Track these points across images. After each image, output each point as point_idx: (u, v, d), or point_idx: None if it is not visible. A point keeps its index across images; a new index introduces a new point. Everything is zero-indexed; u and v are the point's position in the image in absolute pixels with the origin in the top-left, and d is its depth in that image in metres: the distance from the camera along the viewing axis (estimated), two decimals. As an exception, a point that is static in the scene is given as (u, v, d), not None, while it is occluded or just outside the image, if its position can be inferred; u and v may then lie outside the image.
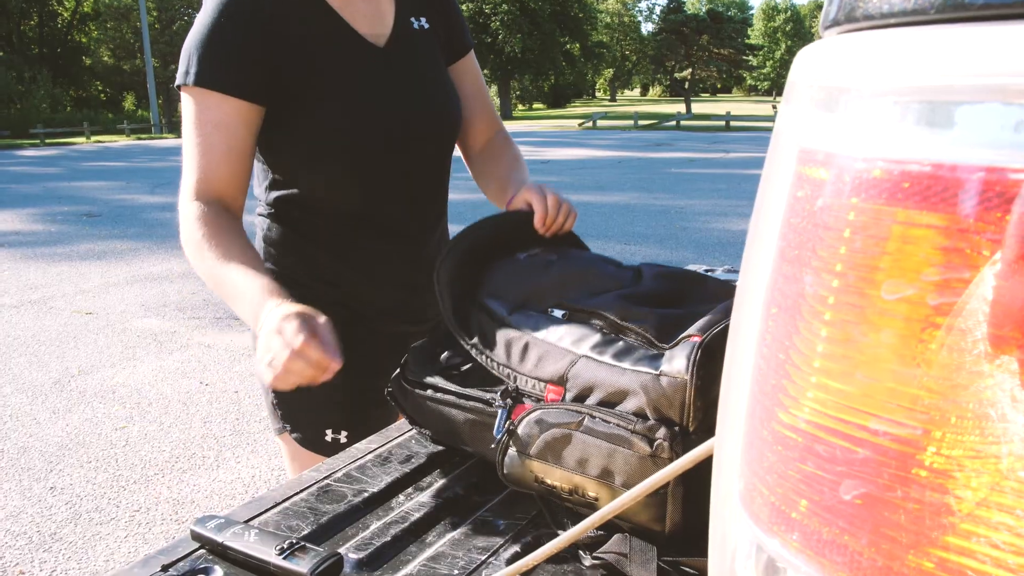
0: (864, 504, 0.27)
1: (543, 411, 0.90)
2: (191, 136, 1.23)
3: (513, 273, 1.07)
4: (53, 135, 30.34)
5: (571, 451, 0.88)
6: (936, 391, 0.26)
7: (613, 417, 0.85)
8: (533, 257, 1.11)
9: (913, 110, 0.28)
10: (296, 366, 0.99)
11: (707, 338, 0.83)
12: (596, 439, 0.86)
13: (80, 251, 8.14)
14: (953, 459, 0.26)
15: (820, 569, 0.28)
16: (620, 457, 0.84)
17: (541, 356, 0.93)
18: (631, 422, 0.84)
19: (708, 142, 22.56)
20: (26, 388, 4.28)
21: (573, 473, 0.88)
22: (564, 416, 0.88)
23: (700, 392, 0.81)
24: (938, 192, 0.27)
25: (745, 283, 0.34)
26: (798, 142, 0.31)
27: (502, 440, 0.93)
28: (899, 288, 0.26)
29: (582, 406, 0.88)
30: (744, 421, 0.33)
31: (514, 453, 0.92)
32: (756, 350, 0.32)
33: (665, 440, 0.82)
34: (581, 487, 0.88)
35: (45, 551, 2.73)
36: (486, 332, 1.01)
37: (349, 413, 1.42)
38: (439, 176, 1.46)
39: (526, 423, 0.91)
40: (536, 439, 0.90)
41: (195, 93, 1.22)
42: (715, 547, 0.36)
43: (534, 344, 0.94)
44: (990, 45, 0.26)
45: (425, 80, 1.39)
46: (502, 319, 1.00)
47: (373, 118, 1.31)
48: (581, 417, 0.87)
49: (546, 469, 0.90)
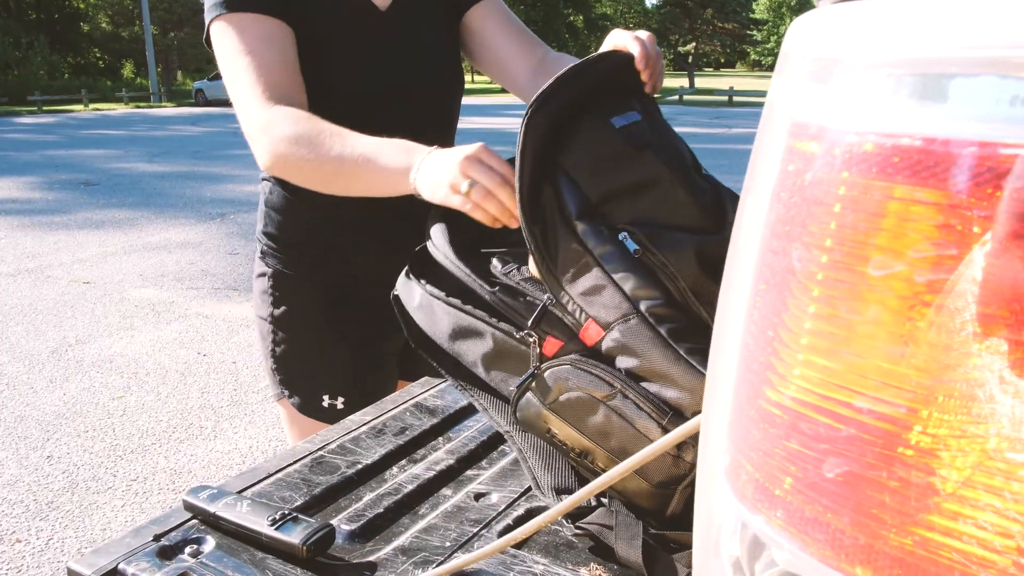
0: (847, 482, 0.26)
1: (574, 367, 0.84)
2: (239, 60, 1.18)
3: (602, 148, 0.90)
4: (51, 102, 30.12)
5: (593, 420, 0.83)
6: (923, 370, 0.26)
7: (647, 404, 0.80)
8: (629, 129, 0.92)
9: (907, 83, 0.27)
10: (504, 195, 0.94)
11: None
12: (623, 420, 0.81)
13: (77, 220, 8.11)
14: (939, 439, 0.25)
15: (802, 547, 0.28)
16: (643, 447, 0.80)
17: (596, 287, 0.83)
18: (664, 414, 0.79)
19: (711, 117, 22.44)
20: (23, 357, 4.29)
21: (588, 440, 0.84)
22: (596, 384, 0.82)
23: None
24: (930, 167, 0.26)
25: (734, 258, 0.33)
26: (790, 115, 0.31)
27: (524, 382, 0.87)
28: (888, 264, 0.26)
29: (616, 377, 0.81)
30: (731, 398, 0.32)
31: (533, 398, 0.86)
32: (744, 326, 0.32)
33: (693, 446, 0.79)
34: (592, 454, 0.85)
35: (42, 519, 2.74)
36: (549, 226, 0.87)
37: (347, 379, 1.42)
38: (441, 139, 1.45)
39: (555, 373, 0.84)
40: (561, 393, 0.84)
41: (232, 20, 1.20)
42: (700, 523, 0.36)
43: (592, 269, 0.84)
44: (986, 17, 0.25)
45: (424, 45, 1.38)
46: (569, 219, 0.86)
47: (372, 78, 1.30)
48: (614, 392, 0.81)
49: (562, 426, 0.85)
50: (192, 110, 28.53)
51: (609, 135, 0.90)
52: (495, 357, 0.91)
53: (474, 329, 0.92)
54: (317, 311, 1.42)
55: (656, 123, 0.98)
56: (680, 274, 0.83)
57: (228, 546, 0.83)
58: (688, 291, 0.83)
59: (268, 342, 1.43)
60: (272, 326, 1.42)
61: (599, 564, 0.81)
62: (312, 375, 1.42)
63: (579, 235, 0.85)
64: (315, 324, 1.42)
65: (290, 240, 1.40)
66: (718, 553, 0.34)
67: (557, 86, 0.89)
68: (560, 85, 0.89)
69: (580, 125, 0.90)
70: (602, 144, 0.90)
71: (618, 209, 0.87)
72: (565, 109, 0.90)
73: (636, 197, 0.88)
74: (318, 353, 1.42)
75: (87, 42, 41.19)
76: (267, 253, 1.42)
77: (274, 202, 1.39)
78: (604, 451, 0.84)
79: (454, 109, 1.46)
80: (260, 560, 0.81)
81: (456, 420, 1.14)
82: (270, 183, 1.40)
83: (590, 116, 0.92)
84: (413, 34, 1.36)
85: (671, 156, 0.93)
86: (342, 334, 1.43)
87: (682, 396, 0.78)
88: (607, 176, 0.88)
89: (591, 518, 0.85)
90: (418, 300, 0.98)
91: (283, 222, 1.40)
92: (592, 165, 0.88)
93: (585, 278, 0.84)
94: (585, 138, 0.90)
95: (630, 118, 0.94)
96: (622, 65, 1.03)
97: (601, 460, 0.85)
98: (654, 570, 0.78)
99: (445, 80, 1.42)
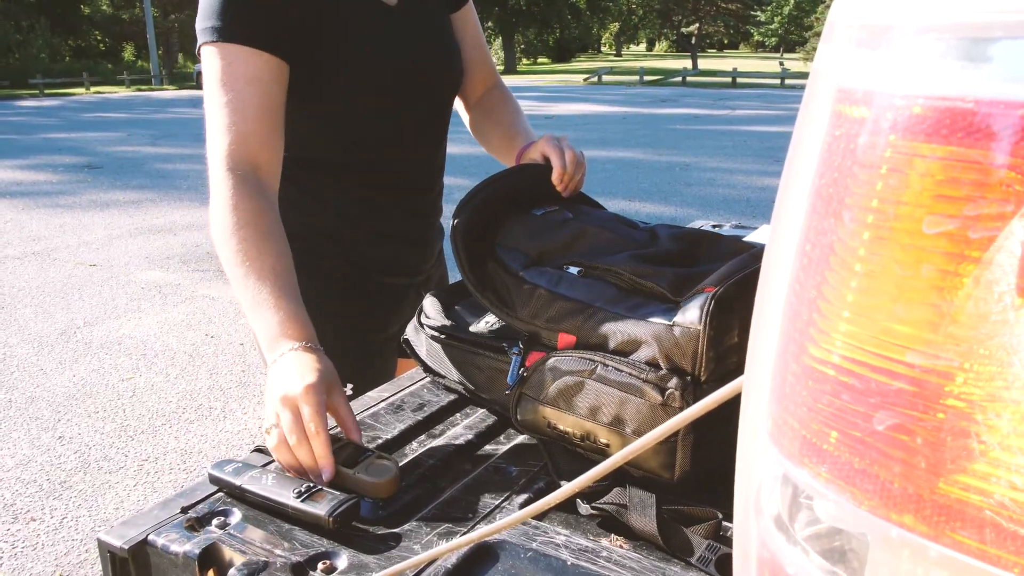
0: (896, 434, 0.27)
1: (556, 358, 0.91)
2: (219, 95, 1.16)
3: (529, 228, 1.06)
4: (52, 85, 30.06)
5: (583, 398, 0.89)
6: (967, 324, 0.27)
7: (625, 366, 0.86)
8: (549, 214, 1.09)
9: (953, 47, 0.28)
10: (301, 453, 0.90)
11: (720, 289, 0.84)
12: (608, 387, 0.87)
13: (82, 202, 8.12)
14: (982, 390, 0.26)
15: (851, 498, 0.29)
16: (632, 406, 0.86)
17: (554, 308, 0.94)
18: (643, 371, 0.85)
19: (714, 99, 22.35)
20: (32, 339, 4.31)
21: (585, 420, 0.90)
22: (577, 364, 0.89)
23: (713, 342, 0.82)
24: (977, 127, 0.27)
25: (779, 223, 0.34)
26: (836, 81, 0.32)
27: (516, 387, 0.95)
28: (940, 223, 0.26)
29: (595, 354, 0.89)
30: (774, 358, 0.33)
31: (528, 399, 0.94)
32: (788, 288, 0.33)
33: (676, 389, 0.83)
34: (593, 433, 0.89)
35: (55, 499, 2.77)
36: (500, 285, 1.01)
37: (352, 365, 1.43)
38: (440, 131, 1.48)
39: (540, 370, 0.92)
40: (549, 386, 0.92)
41: (222, 50, 1.16)
42: (740, 482, 0.37)
43: (547, 296, 0.95)
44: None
45: (432, 36, 1.40)
46: (516, 273, 1.00)
47: (380, 72, 1.31)
48: (594, 365, 0.88)
49: (559, 415, 0.92)
50: (193, 92, 28.45)
51: (532, 218, 1.08)
52: (490, 379, 1.03)
53: (471, 361, 1.05)
54: (317, 299, 1.42)
55: (575, 207, 1.16)
56: (625, 270, 0.93)
57: (254, 518, 0.84)
58: (635, 277, 0.92)
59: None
60: (274, 315, 1.43)
61: (618, 535, 0.82)
62: None
63: (528, 280, 0.98)
64: (318, 313, 1.43)
65: (291, 229, 1.40)
66: (760, 510, 0.35)
67: (476, 192, 1.09)
68: (478, 191, 1.09)
69: (506, 215, 1.09)
70: (528, 224, 1.07)
71: (558, 258, 1.01)
72: (489, 208, 1.09)
73: (571, 247, 1.02)
74: (323, 340, 1.44)
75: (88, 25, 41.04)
76: (266, 242, 1.42)
77: None
78: (603, 426, 0.89)
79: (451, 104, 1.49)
80: (287, 531, 0.82)
81: (473, 396, 1.15)
82: None
83: (514, 210, 1.10)
84: (422, 27, 1.37)
85: (595, 218, 1.10)
86: (345, 322, 1.44)
87: (651, 349, 0.85)
88: (540, 240, 1.03)
89: (607, 498, 0.87)
90: (425, 348, 1.13)
91: (284, 212, 1.40)
92: (524, 236, 1.04)
93: (544, 306, 0.95)
94: (513, 221, 1.07)
95: (548, 208, 1.11)
96: (539, 178, 1.20)
97: (603, 436, 0.89)
98: (670, 541, 0.80)
99: (453, 70, 1.44)
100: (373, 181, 1.40)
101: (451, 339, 1.08)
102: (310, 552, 0.79)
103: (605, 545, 0.80)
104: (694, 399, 0.83)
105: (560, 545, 0.80)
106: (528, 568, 0.76)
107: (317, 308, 1.43)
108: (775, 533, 0.33)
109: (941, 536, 0.26)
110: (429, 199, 1.50)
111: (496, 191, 1.11)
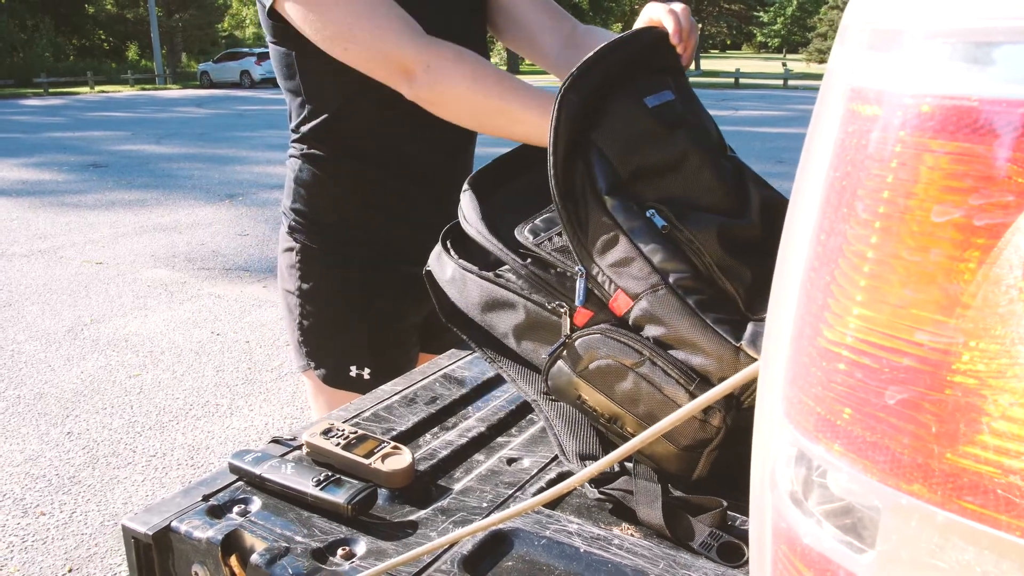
0: (906, 409, 0.30)
1: (605, 336, 0.87)
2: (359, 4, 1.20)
3: (634, 127, 0.92)
4: (57, 84, 30.14)
5: (622, 386, 0.86)
6: (973, 307, 0.29)
7: (674, 371, 0.83)
8: (661, 108, 0.95)
9: (960, 50, 0.30)
10: None
11: None
12: (651, 386, 0.84)
13: (88, 201, 8.15)
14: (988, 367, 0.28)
15: (863, 469, 0.31)
16: (670, 411, 0.82)
17: (625, 259, 0.86)
18: (691, 381, 0.82)
19: (717, 99, 22.36)
20: (40, 336, 4.34)
21: (617, 405, 0.87)
22: (625, 352, 0.85)
23: None
24: (982, 125, 0.29)
25: (794, 214, 0.36)
26: (849, 81, 0.34)
27: (556, 349, 0.89)
28: (947, 212, 0.29)
29: (645, 344, 0.84)
30: (790, 342, 0.35)
31: (564, 366, 0.89)
32: (804, 275, 0.35)
33: (719, 410, 0.82)
34: (621, 419, 0.88)
35: (64, 493, 2.79)
36: (580, 200, 0.90)
37: (372, 350, 1.46)
38: None
39: (586, 342, 0.87)
40: (591, 361, 0.87)
41: None
42: (757, 459, 0.39)
43: (621, 242, 0.87)
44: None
45: (465, 14, 1.41)
46: (599, 194, 0.89)
47: None
48: (642, 359, 0.84)
49: (592, 393, 0.88)
50: (197, 92, 28.51)
51: (642, 114, 0.93)
52: (526, 328, 0.94)
53: (506, 301, 0.95)
54: (344, 285, 1.45)
55: (688, 101, 1.00)
56: (705, 250, 0.86)
57: (274, 506, 0.87)
58: (714, 266, 0.86)
59: (295, 315, 1.47)
60: (299, 299, 1.45)
61: (630, 524, 0.85)
62: (339, 347, 1.46)
63: (609, 210, 0.88)
64: (342, 297, 1.46)
65: (317, 216, 1.43)
66: (775, 484, 0.37)
67: (591, 64, 0.91)
68: (594, 63, 0.91)
69: (613, 103, 0.92)
70: (634, 123, 0.92)
71: (648, 187, 0.90)
72: (599, 86, 0.92)
73: (665, 176, 0.91)
74: (345, 325, 1.46)
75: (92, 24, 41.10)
76: (295, 228, 1.45)
77: (303, 179, 1.42)
78: (633, 416, 0.87)
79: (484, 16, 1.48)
80: (306, 519, 0.84)
81: (485, 390, 1.18)
82: (299, 160, 1.43)
83: (624, 94, 0.93)
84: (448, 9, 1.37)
85: (700, 137, 0.96)
86: (368, 307, 1.46)
87: (708, 363, 0.82)
88: (638, 155, 0.91)
89: (614, 484, 0.88)
90: (450, 274, 1.01)
91: (311, 198, 1.43)
92: (624, 143, 0.91)
93: (614, 251, 0.87)
94: (618, 116, 0.92)
95: (663, 97, 0.96)
96: (657, 42, 1.04)
97: (630, 425, 0.88)
98: (676, 531, 0.81)
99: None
100: (399, 168, 1.42)
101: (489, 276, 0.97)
102: (329, 538, 0.81)
103: (617, 533, 0.82)
104: (732, 422, 0.83)
105: (573, 533, 0.82)
106: (542, 555, 0.79)
107: (343, 294, 1.46)
108: (790, 506, 0.35)
109: (949, 503, 0.29)
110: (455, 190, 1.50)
111: (614, 61, 0.94)
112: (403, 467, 0.90)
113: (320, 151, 1.41)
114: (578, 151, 0.91)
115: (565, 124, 0.88)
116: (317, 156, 1.41)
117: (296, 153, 1.43)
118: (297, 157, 1.43)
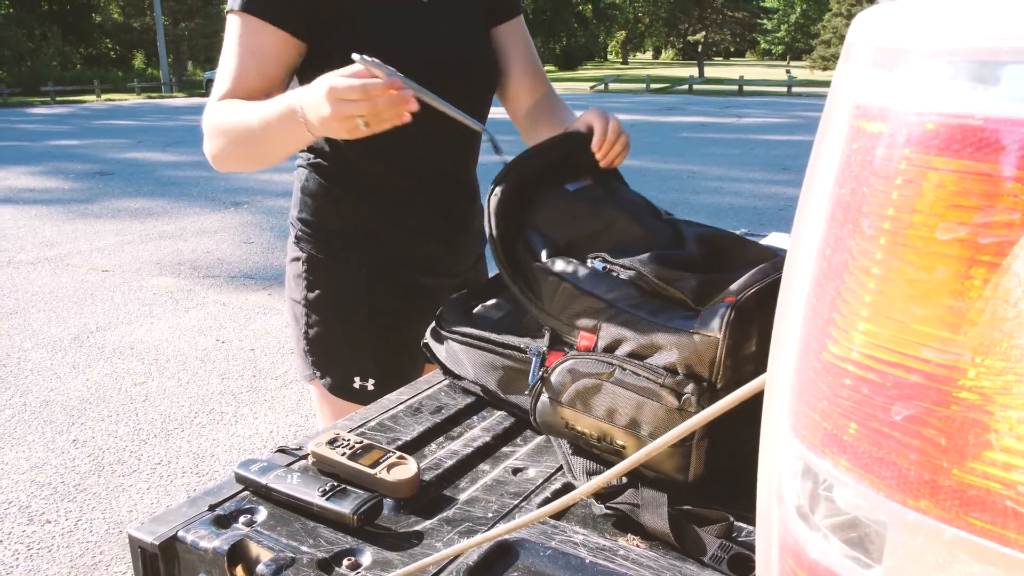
0: (912, 425, 0.30)
1: (576, 361, 0.93)
2: (229, 57, 1.30)
3: (560, 208, 1.08)
4: (64, 93, 30.27)
5: (601, 400, 0.91)
6: (979, 323, 0.29)
7: (643, 370, 0.88)
8: (582, 192, 1.11)
9: (963, 69, 0.31)
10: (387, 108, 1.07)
11: (741, 299, 0.86)
12: (626, 391, 0.89)
13: (94, 209, 8.18)
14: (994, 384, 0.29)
15: (870, 485, 0.31)
16: (649, 409, 0.88)
17: (577, 303, 0.96)
18: (660, 376, 0.87)
19: (720, 107, 22.38)
20: (45, 343, 4.35)
21: (602, 422, 0.91)
22: (596, 366, 0.91)
23: (731, 350, 0.84)
24: (987, 143, 0.29)
25: (800, 230, 0.37)
26: (854, 99, 0.34)
27: (535, 387, 0.97)
28: (953, 229, 0.29)
29: (614, 357, 0.91)
30: (796, 357, 0.36)
31: (546, 400, 0.96)
32: (809, 291, 0.35)
33: (693, 395, 0.85)
34: (609, 435, 0.91)
35: (70, 501, 2.80)
36: (528, 272, 1.03)
37: (377, 361, 1.46)
38: (474, 131, 1.49)
39: (559, 371, 0.94)
40: (568, 387, 0.93)
41: (240, 18, 1.29)
42: (764, 474, 0.39)
43: (571, 291, 0.97)
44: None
45: (463, 35, 1.43)
46: (542, 260, 1.02)
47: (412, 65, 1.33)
48: (612, 368, 0.90)
49: (577, 416, 0.94)
50: (203, 100, 28.48)
51: (565, 197, 1.09)
52: (509, 380, 1.06)
53: (490, 363, 1.08)
54: (350, 295, 1.46)
55: (608, 185, 1.16)
56: (647, 274, 0.95)
57: (280, 516, 0.87)
58: (657, 283, 0.94)
59: (301, 324, 1.47)
60: (306, 309, 1.46)
61: (636, 535, 0.85)
62: (344, 357, 1.46)
63: (553, 270, 1.00)
64: (348, 307, 1.46)
65: (324, 226, 1.44)
66: (782, 499, 0.37)
67: (511, 167, 1.10)
68: (514, 166, 1.10)
69: (539, 193, 1.09)
70: (560, 203, 1.08)
71: (583, 250, 1.03)
72: (525, 183, 1.10)
73: (598, 239, 1.04)
74: (350, 336, 1.46)
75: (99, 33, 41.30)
76: (301, 238, 1.46)
77: (310, 189, 1.43)
78: (619, 428, 0.91)
79: (488, 104, 1.50)
80: (312, 528, 0.84)
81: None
82: (306, 170, 1.43)
83: (548, 184, 1.11)
84: (454, 27, 1.40)
85: (626, 204, 1.10)
86: (374, 318, 1.47)
87: (671, 355, 0.87)
88: (569, 228, 1.05)
89: (620, 498, 0.89)
90: (444, 352, 1.16)
91: (318, 208, 1.44)
92: (556, 221, 1.06)
93: (567, 301, 0.97)
94: (545, 202, 1.09)
95: (582, 183, 1.12)
96: (580, 146, 1.20)
97: (620, 438, 0.91)
98: (682, 540, 0.82)
99: (484, 67, 1.46)
100: (405, 180, 1.43)
101: (470, 340, 1.10)
102: (335, 549, 0.81)
103: (622, 544, 0.82)
104: (709, 404, 0.85)
105: (578, 544, 0.82)
106: (548, 566, 0.79)
107: (351, 300, 1.47)
108: (797, 520, 0.36)
109: (956, 519, 0.29)
110: (461, 201, 1.52)
111: (534, 164, 1.13)
112: (408, 477, 0.90)
113: (326, 161, 1.42)
114: (516, 235, 1.07)
115: (497, 216, 1.05)
116: (323, 166, 1.42)
117: (303, 163, 1.44)
118: (304, 167, 1.44)
